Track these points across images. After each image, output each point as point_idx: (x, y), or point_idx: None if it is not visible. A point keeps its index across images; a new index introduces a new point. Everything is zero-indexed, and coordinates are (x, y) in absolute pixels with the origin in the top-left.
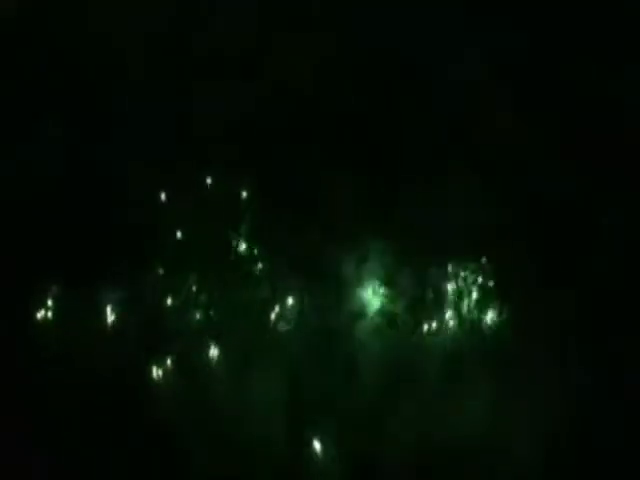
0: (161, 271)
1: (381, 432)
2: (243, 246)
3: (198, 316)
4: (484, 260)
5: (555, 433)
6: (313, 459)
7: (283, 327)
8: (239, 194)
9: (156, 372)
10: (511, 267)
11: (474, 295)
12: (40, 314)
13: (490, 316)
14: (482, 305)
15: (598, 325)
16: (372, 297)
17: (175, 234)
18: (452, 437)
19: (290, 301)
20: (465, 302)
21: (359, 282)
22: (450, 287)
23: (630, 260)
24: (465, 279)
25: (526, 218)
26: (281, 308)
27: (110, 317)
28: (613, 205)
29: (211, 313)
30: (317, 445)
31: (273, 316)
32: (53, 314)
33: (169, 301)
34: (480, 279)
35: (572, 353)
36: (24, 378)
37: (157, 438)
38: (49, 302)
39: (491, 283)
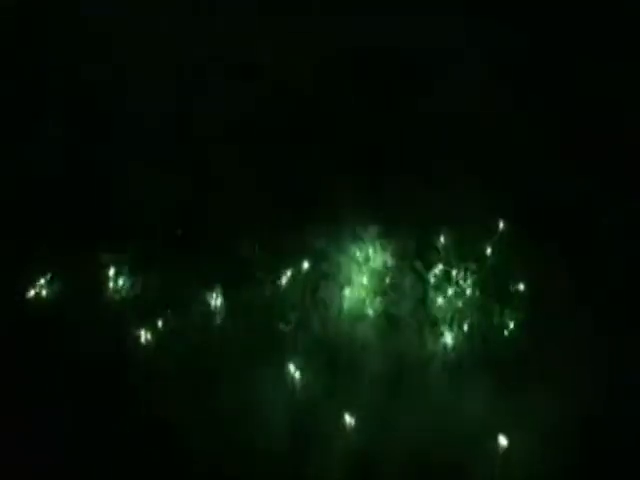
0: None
1: (384, 433)
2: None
3: (199, 313)
4: (485, 261)
5: (564, 435)
6: (313, 460)
7: (284, 328)
8: (239, 193)
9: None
10: (512, 268)
11: (475, 296)
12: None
13: (491, 317)
14: (483, 306)
15: (599, 325)
16: (373, 298)
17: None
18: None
19: (290, 301)
20: (466, 303)
21: (360, 283)
22: (451, 288)
23: (631, 260)
24: (466, 279)
25: (526, 219)
26: (282, 308)
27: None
28: (613, 205)
29: (213, 312)
30: (318, 445)
31: (274, 316)
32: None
33: (170, 298)
34: (481, 280)
35: (571, 352)
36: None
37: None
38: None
39: (492, 284)
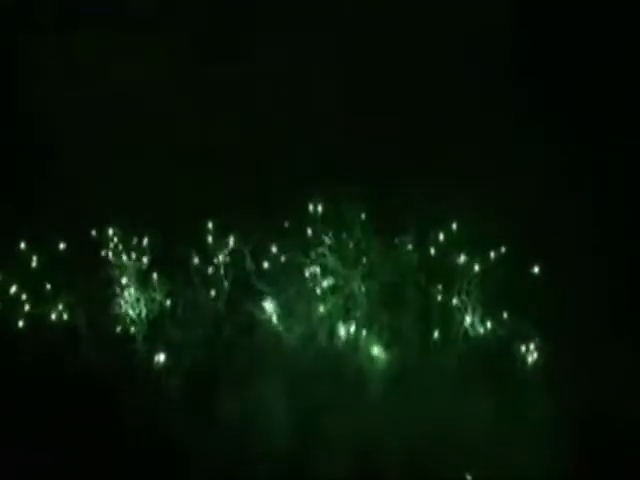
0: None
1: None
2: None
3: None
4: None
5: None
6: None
7: (288, 339)
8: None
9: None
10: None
11: (476, 307)
12: None
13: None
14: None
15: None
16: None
17: None
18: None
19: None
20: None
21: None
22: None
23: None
24: (468, 293)
25: (527, 229)
26: (285, 321)
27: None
28: (613, 204)
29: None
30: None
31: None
32: None
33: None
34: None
35: (573, 357)
36: None
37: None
38: None
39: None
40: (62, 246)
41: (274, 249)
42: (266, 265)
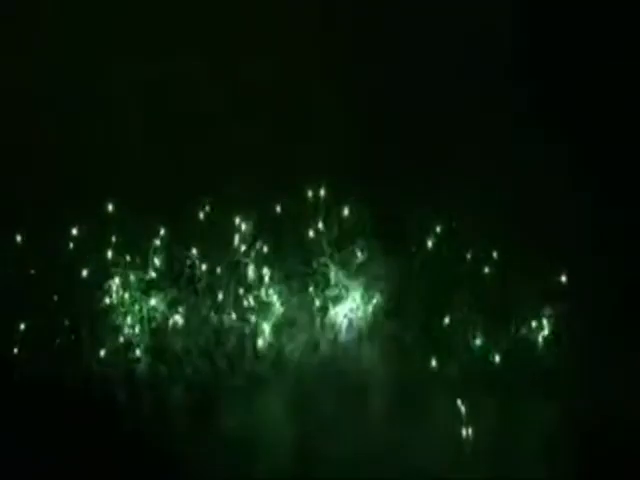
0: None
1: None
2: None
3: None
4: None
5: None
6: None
7: (291, 350)
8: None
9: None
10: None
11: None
12: None
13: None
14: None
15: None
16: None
17: None
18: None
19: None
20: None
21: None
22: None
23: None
24: (471, 304)
25: (527, 230)
26: (287, 330)
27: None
28: (615, 204)
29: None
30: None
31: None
32: None
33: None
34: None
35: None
36: None
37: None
38: None
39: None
40: (59, 248)
41: (275, 258)
42: (267, 274)
